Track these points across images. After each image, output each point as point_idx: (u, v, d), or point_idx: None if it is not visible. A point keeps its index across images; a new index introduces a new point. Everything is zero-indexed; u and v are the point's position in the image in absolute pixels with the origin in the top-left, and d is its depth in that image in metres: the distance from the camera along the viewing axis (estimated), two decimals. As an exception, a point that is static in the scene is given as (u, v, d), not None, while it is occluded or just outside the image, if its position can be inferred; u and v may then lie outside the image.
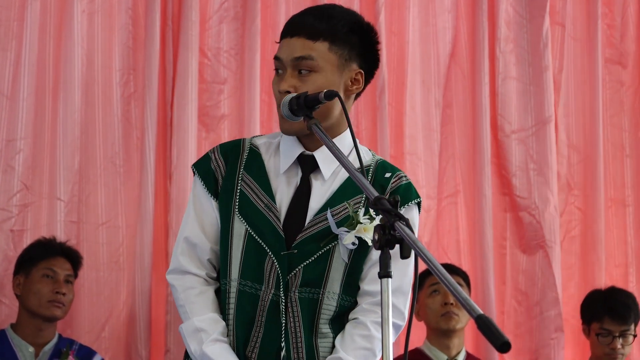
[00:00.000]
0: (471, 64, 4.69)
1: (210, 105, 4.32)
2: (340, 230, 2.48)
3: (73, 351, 3.85)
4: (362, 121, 4.52)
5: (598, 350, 4.29)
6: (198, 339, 2.48)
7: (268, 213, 2.50)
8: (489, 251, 4.52)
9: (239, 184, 2.54)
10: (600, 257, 4.70)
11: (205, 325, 2.49)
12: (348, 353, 2.48)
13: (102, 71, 4.21)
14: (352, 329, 2.52)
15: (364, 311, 2.53)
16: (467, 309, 1.73)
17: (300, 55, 2.50)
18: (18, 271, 3.87)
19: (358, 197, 2.53)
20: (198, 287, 2.54)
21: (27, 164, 4.07)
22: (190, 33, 4.23)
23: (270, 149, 2.60)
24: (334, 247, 2.50)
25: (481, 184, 4.56)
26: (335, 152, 2.24)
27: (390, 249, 1.97)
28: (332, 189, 2.54)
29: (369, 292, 2.53)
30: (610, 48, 4.93)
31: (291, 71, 2.50)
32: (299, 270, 2.48)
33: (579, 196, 4.80)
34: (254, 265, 2.49)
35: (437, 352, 4.16)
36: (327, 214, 2.49)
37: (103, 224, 4.13)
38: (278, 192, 2.53)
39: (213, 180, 2.57)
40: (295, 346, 2.47)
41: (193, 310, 2.51)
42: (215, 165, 2.57)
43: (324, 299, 2.50)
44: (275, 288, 2.47)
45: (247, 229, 2.50)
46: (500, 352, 1.65)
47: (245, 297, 2.49)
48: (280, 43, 2.56)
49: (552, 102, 4.71)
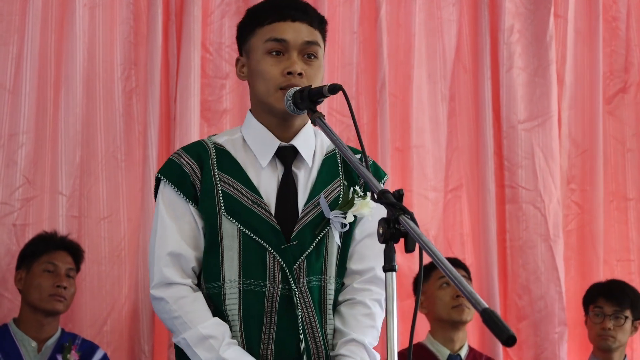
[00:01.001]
0: (473, 57, 4.69)
1: (212, 100, 4.32)
2: (333, 214, 2.47)
3: (75, 346, 3.85)
4: (364, 115, 4.52)
5: (592, 333, 4.30)
6: (207, 347, 2.40)
7: (257, 209, 2.46)
8: (492, 245, 4.52)
9: (218, 184, 2.47)
10: (598, 252, 4.71)
11: (212, 331, 2.41)
12: (358, 333, 2.47)
13: (104, 66, 4.20)
14: (350, 309, 2.51)
15: (357, 291, 2.52)
16: (473, 303, 1.72)
17: (310, 40, 2.50)
18: (20, 266, 3.87)
19: (337, 180, 2.53)
20: (189, 295, 2.46)
21: (29, 158, 4.07)
22: (193, 28, 4.22)
23: (236, 146, 2.54)
24: (328, 231, 2.49)
25: (485, 177, 4.56)
26: (340, 145, 2.24)
27: (395, 243, 1.97)
28: (313, 175, 2.53)
29: (357, 271, 2.53)
30: (616, 40, 4.93)
31: (297, 54, 2.48)
32: (302, 260, 2.46)
33: (577, 190, 4.80)
34: (255, 263, 2.45)
35: (439, 346, 4.15)
36: (319, 198, 2.48)
37: (105, 218, 4.13)
38: (262, 187, 2.49)
39: (189, 184, 2.48)
40: (312, 337, 2.45)
41: (193, 319, 2.42)
42: (189, 169, 2.48)
43: (326, 285, 2.49)
44: (282, 282, 2.44)
45: (239, 228, 2.45)
46: (506, 346, 1.65)
47: (251, 296, 2.44)
48: (278, 25, 2.50)
49: (554, 96, 4.70)
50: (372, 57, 4.54)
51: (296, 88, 2.41)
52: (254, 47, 2.53)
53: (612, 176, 4.88)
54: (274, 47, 2.49)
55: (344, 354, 2.46)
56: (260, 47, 2.51)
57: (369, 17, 4.58)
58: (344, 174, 2.56)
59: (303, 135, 2.54)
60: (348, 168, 2.56)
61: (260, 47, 2.51)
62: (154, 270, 2.48)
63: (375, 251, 2.53)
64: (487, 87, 4.62)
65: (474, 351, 4.24)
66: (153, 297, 2.48)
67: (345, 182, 2.54)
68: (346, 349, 2.47)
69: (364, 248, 2.55)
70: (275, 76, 2.47)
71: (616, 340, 4.26)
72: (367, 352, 2.48)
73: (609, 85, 4.93)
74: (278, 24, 2.51)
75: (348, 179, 2.55)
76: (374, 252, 2.54)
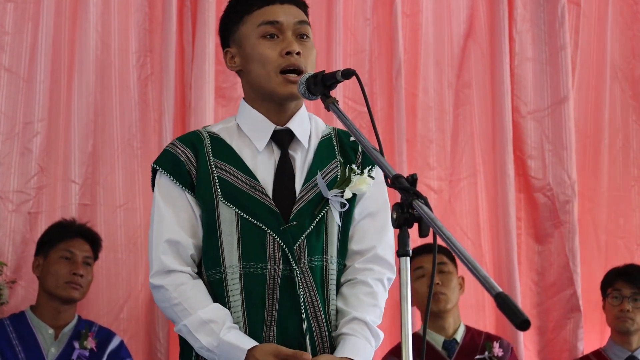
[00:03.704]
0: (490, 44, 4.66)
1: (226, 87, 4.32)
2: (331, 193, 2.47)
3: (92, 332, 3.86)
4: (378, 102, 4.51)
5: (610, 316, 4.29)
6: (208, 331, 2.39)
7: (254, 193, 2.46)
8: (513, 231, 4.50)
9: (214, 170, 2.48)
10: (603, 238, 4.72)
11: (212, 315, 2.40)
12: (360, 311, 2.46)
13: (119, 54, 4.21)
14: (351, 289, 2.50)
15: (358, 271, 2.51)
16: (487, 287, 1.71)
17: (302, 20, 2.51)
18: (38, 252, 3.89)
19: (334, 161, 2.53)
20: (189, 282, 2.45)
21: (43, 146, 4.08)
22: (207, 15, 4.22)
23: (231, 133, 2.55)
24: (328, 211, 2.49)
25: (502, 164, 4.54)
26: (353, 129, 2.23)
27: (409, 228, 1.96)
28: (309, 157, 2.53)
29: (358, 251, 2.53)
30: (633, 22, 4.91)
31: (291, 35, 2.49)
32: (302, 240, 2.45)
33: (591, 177, 4.79)
34: (255, 246, 2.44)
35: (433, 334, 4.12)
36: (317, 178, 2.48)
37: (121, 206, 4.14)
38: (258, 171, 2.49)
39: (185, 172, 2.48)
40: (314, 316, 2.45)
41: (193, 305, 2.41)
42: (184, 157, 2.49)
43: (328, 264, 2.48)
44: (283, 263, 2.43)
45: (237, 213, 2.44)
46: (520, 330, 1.64)
47: (253, 279, 2.44)
48: (269, 9, 2.51)
49: (568, 81, 4.68)
50: (387, 43, 4.53)
51: (309, 73, 2.39)
52: (246, 35, 2.52)
53: (634, 161, 4.87)
54: (268, 30, 2.49)
55: (347, 333, 2.45)
56: (253, 33, 2.51)
57: (383, 3, 4.56)
58: (340, 154, 2.56)
59: (298, 118, 2.55)
60: (344, 149, 2.56)
61: (254, 33, 2.50)
62: (153, 259, 2.47)
63: (376, 230, 2.53)
64: (506, 73, 4.59)
65: (472, 331, 4.20)
66: (152, 285, 2.47)
67: (342, 159, 2.54)
68: (348, 327, 2.46)
69: (364, 227, 2.54)
70: (274, 58, 2.47)
71: (635, 322, 4.24)
72: (370, 329, 2.47)
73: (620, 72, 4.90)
74: (268, 8, 2.51)
75: (345, 158, 2.55)
76: (375, 230, 2.53)
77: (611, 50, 4.87)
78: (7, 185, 4.04)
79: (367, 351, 2.45)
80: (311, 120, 2.60)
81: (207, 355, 2.41)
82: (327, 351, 2.45)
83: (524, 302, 4.57)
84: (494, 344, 4.12)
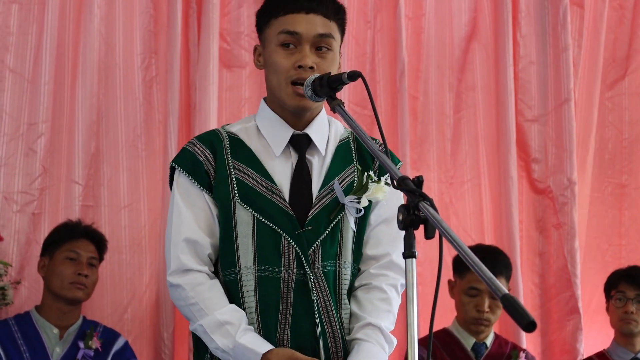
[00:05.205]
0: (494, 47, 4.66)
1: (231, 89, 4.32)
2: (348, 199, 2.48)
3: (97, 333, 3.87)
4: (382, 104, 4.52)
5: (614, 318, 4.29)
6: (224, 332, 2.41)
7: (272, 196, 2.47)
8: (515, 232, 4.50)
9: (232, 172, 2.49)
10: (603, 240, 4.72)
11: (229, 317, 2.42)
12: (374, 317, 2.48)
13: (124, 55, 4.22)
14: (366, 294, 2.52)
15: (373, 276, 2.53)
16: (493, 289, 1.72)
17: (324, 33, 2.50)
18: (43, 253, 3.90)
19: (351, 166, 2.54)
20: (206, 282, 2.47)
21: (47, 147, 4.09)
22: (211, 16, 4.22)
23: (250, 134, 2.56)
24: (343, 217, 2.50)
25: (506, 166, 4.55)
26: (359, 131, 2.24)
27: (415, 229, 1.97)
28: (327, 162, 2.54)
29: (373, 257, 2.55)
30: (621, 27, 4.91)
31: (310, 47, 2.48)
32: (317, 245, 2.47)
33: (595, 180, 4.80)
34: (270, 249, 2.46)
35: (465, 334, 4.13)
36: (334, 184, 2.49)
37: (125, 207, 4.15)
38: (275, 174, 2.50)
39: (203, 172, 2.50)
40: (328, 321, 2.46)
41: (210, 306, 2.43)
42: (203, 157, 2.50)
43: (342, 269, 2.50)
44: (297, 267, 2.45)
45: (254, 215, 2.46)
46: (526, 331, 1.64)
47: (267, 282, 2.46)
48: (291, 17, 2.50)
49: (570, 83, 4.68)
50: (391, 46, 4.53)
51: (315, 75, 2.40)
52: (269, 38, 2.53)
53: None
54: (286, 39, 2.49)
55: (361, 338, 2.47)
56: (273, 39, 2.51)
57: (386, 5, 4.56)
58: (357, 160, 2.57)
59: (317, 124, 2.56)
60: (362, 154, 2.58)
61: (274, 39, 2.51)
62: (171, 257, 2.49)
63: (391, 236, 2.55)
64: (510, 75, 4.59)
65: (499, 338, 4.22)
66: (170, 284, 2.49)
67: (359, 167, 2.55)
68: (362, 333, 2.47)
69: (379, 233, 2.56)
70: (286, 69, 2.47)
71: (638, 324, 4.25)
72: (384, 335, 2.48)
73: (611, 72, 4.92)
74: (291, 16, 2.50)
75: (362, 165, 2.56)
76: (390, 237, 2.55)
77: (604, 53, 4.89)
78: (11, 186, 4.05)
79: (380, 357, 2.47)
80: (330, 124, 2.60)
81: (222, 356, 2.43)
82: (340, 355, 2.47)
83: (526, 304, 4.56)
84: (520, 354, 4.15)
